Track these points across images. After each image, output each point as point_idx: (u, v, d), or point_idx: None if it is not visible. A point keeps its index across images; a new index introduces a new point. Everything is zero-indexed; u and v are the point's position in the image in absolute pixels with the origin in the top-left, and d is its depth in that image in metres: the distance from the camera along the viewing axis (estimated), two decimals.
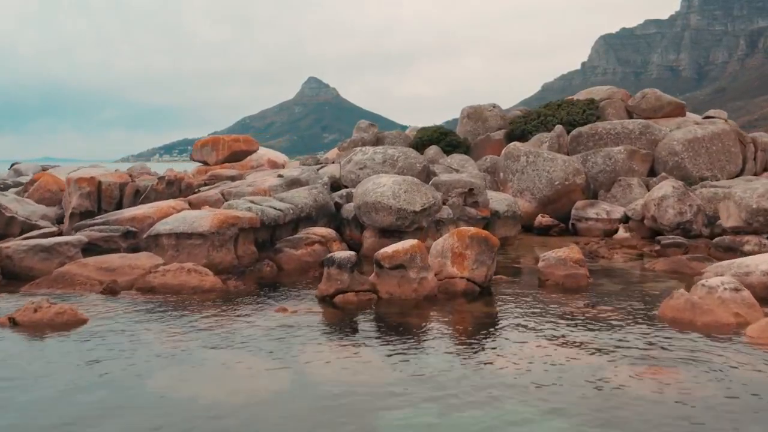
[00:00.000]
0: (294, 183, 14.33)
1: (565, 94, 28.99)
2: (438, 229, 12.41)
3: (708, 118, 20.23)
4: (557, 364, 5.96)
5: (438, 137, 21.13)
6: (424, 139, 21.21)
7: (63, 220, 13.74)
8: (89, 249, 10.52)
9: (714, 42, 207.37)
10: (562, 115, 20.76)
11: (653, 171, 17.39)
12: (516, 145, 17.16)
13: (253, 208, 11.51)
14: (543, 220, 15.52)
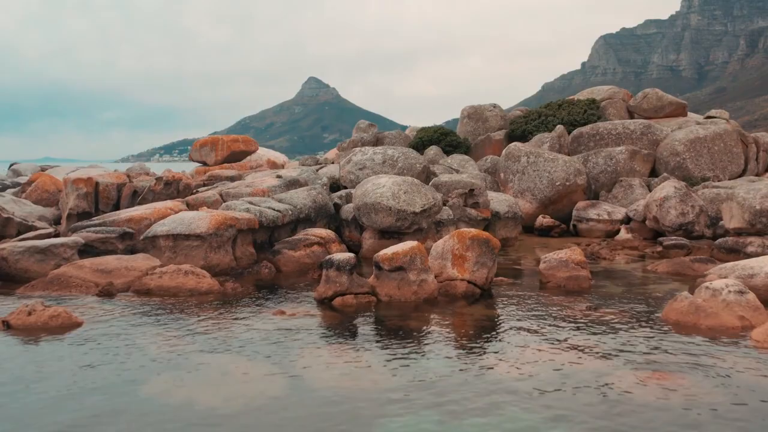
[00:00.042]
0: (293, 184, 14.23)
1: (566, 94, 28.93)
2: (438, 231, 12.32)
3: (710, 118, 20.11)
4: (560, 368, 5.85)
5: (438, 137, 21.01)
6: (424, 140, 21.07)
7: (60, 221, 13.64)
8: (86, 250, 10.43)
9: (714, 42, 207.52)
10: (562, 115, 20.66)
11: (655, 171, 17.30)
12: (516, 146, 17.04)
13: (252, 209, 11.40)
14: (544, 221, 15.42)
